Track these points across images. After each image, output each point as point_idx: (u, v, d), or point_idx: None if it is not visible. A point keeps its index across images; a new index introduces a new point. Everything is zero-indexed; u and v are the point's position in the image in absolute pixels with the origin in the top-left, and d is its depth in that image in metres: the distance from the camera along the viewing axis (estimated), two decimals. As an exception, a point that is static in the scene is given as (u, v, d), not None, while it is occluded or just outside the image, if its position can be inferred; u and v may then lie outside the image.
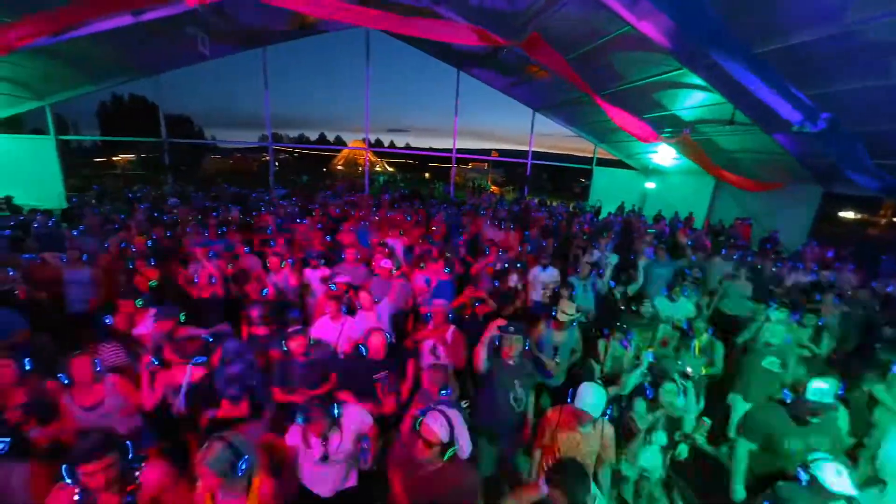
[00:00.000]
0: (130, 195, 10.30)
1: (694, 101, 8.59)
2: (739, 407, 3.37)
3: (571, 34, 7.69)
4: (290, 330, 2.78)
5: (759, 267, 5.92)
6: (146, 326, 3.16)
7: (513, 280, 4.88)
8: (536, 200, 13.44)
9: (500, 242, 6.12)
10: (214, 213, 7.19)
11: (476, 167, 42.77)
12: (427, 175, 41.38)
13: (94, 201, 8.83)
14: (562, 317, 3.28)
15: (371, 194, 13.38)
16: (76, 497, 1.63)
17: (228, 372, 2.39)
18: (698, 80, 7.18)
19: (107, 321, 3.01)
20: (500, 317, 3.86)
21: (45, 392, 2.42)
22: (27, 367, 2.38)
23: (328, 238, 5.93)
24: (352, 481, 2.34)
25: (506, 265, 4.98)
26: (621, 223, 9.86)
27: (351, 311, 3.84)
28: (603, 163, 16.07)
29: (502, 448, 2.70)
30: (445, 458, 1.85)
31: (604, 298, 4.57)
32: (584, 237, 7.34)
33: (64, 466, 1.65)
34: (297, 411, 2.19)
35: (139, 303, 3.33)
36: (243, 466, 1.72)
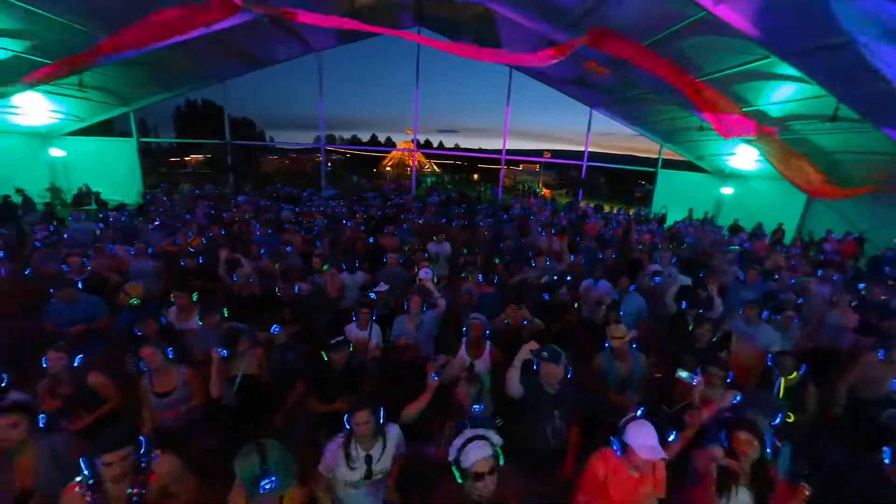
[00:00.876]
0: (199, 192, 11.38)
1: (784, 94, 7.63)
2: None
3: (634, 24, 7.18)
4: (332, 342, 2.79)
5: (864, 294, 5.04)
6: (194, 321, 3.43)
7: (562, 293, 4.60)
8: (592, 205, 12.78)
9: (548, 252, 5.83)
10: (269, 213, 7.69)
11: (527, 169, 41.89)
12: (475, 177, 41.27)
13: (164, 198, 9.84)
14: (615, 343, 3.00)
15: (417, 196, 13.59)
16: (88, 487, 1.77)
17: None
18: (790, 70, 6.35)
19: (163, 320, 3.26)
20: (548, 334, 3.62)
21: (88, 382, 2.68)
22: (76, 363, 2.66)
23: (370, 240, 6.04)
24: None
25: (555, 277, 4.73)
26: (694, 234, 8.98)
27: (389, 317, 3.85)
28: (669, 165, 14.91)
29: (536, 483, 2.49)
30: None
31: (672, 322, 4.13)
32: (640, 247, 6.75)
33: (83, 458, 1.78)
34: (334, 423, 2.17)
35: (195, 297, 3.61)
36: (267, 486, 1.72)
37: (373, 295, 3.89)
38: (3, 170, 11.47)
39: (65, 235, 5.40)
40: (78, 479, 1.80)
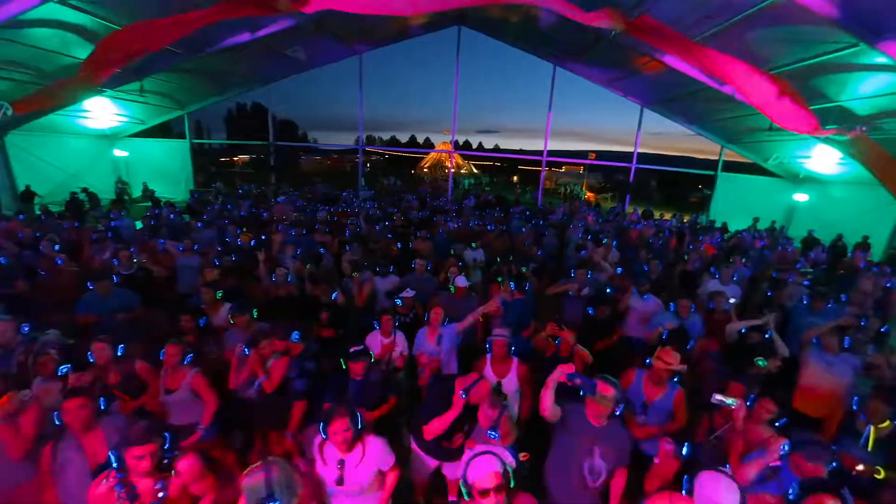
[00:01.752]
0: (241, 191, 12.07)
1: (872, 87, 6.78)
2: None
3: (690, 14, 6.67)
4: (352, 350, 2.79)
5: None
6: (220, 318, 3.58)
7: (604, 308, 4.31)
8: (640, 211, 12.09)
9: (590, 261, 5.53)
10: (308, 213, 7.96)
11: (570, 171, 40.68)
12: (515, 179, 40.71)
13: (210, 198, 10.51)
14: (659, 366, 2.71)
15: (454, 199, 13.56)
16: (116, 480, 1.84)
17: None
18: (884, 59, 5.60)
19: (202, 322, 3.41)
20: (592, 352, 3.39)
21: (135, 371, 2.87)
22: (119, 352, 2.84)
23: (398, 245, 6.04)
24: None
25: (602, 290, 4.45)
26: (760, 246, 8.19)
27: (412, 324, 3.79)
28: (732, 167, 13.81)
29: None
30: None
31: (728, 347, 3.72)
32: (697, 262, 6.20)
33: (112, 451, 1.87)
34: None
35: (219, 294, 3.77)
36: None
37: (399, 301, 3.85)
38: (73, 169, 12.83)
39: (108, 234, 5.86)
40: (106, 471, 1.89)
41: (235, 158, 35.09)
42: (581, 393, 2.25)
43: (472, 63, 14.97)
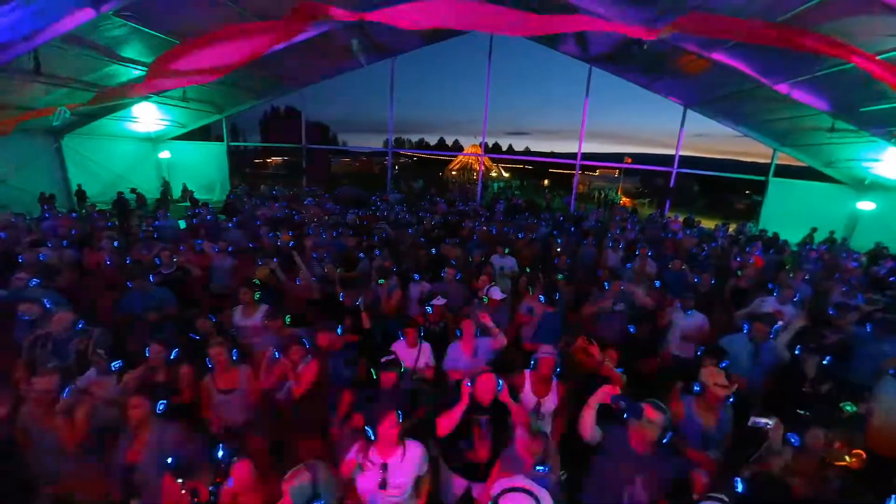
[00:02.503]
0: (275, 192, 12.54)
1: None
2: None
3: (744, 7, 6.33)
4: (383, 360, 2.80)
5: None
6: (255, 319, 3.71)
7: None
8: (681, 219, 11.57)
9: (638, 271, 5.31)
10: (342, 214, 8.16)
11: (604, 175, 39.64)
12: (546, 182, 40.14)
13: (245, 199, 10.98)
14: (714, 390, 2.51)
15: (483, 204, 13.51)
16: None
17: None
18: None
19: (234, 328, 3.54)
20: (631, 373, 3.24)
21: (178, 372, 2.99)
22: (172, 356, 3.00)
23: (433, 251, 6.04)
24: None
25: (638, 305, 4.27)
26: (817, 260, 7.64)
27: (442, 334, 3.78)
28: (785, 172, 13.00)
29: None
30: None
31: (782, 370, 3.46)
32: (748, 279, 5.82)
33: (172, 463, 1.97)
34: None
35: (257, 296, 3.91)
36: None
37: (429, 309, 3.85)
38: (120, 170, 13.79)
39: (154, 235, 6.23)
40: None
41: (269, 160, 36.60)
42: (625, 416, 2.15)
43: (504, 64, 15.07)
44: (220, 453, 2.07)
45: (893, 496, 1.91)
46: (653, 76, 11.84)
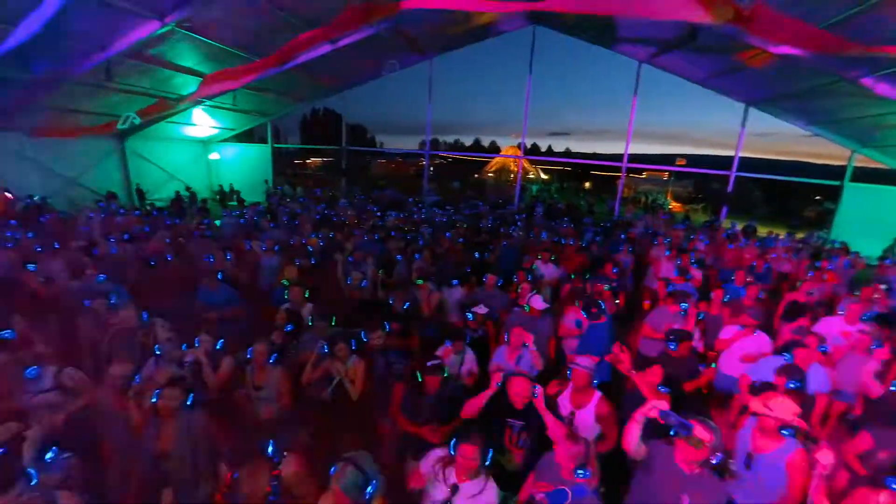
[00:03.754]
0: (318, 192, 13.14)
1: None
2: None
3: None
4: (428, 364, 2.91)
5: None
6: (307, 312, 3.94)
7: (694, 339, 3.95)
8: (740, 227, 10.89)
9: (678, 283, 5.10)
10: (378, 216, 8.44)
11: (653, 177, 38.05)
12: (587, 185, 39.15)
13: (287, 199, 11.58)
14: (765, 414, 2.35)
15: (521, 207, 13.40)
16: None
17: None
18: None
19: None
20: (678, 391, 3.12)
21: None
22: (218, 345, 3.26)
23: (476, 255, 6.09)
24: None
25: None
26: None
27: (482, 341, 3.82)
28: (864, 176, 11.91)
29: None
30: None
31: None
32: (815, 292, 5.40)
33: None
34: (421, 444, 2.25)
35: (306, 294, 4.15)
36: (370, 491, 1.95)
37: (470, 315, 3.90)
38: (173, 170, 14.97)
39: (207, 233, 6.74)
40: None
41: (308, 161, 38.30)
42: (671, 433, 2.11)
43: (545, 63, 14.81)
44: (270, 447, 2.21)
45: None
46: (711, 71, 11.24)
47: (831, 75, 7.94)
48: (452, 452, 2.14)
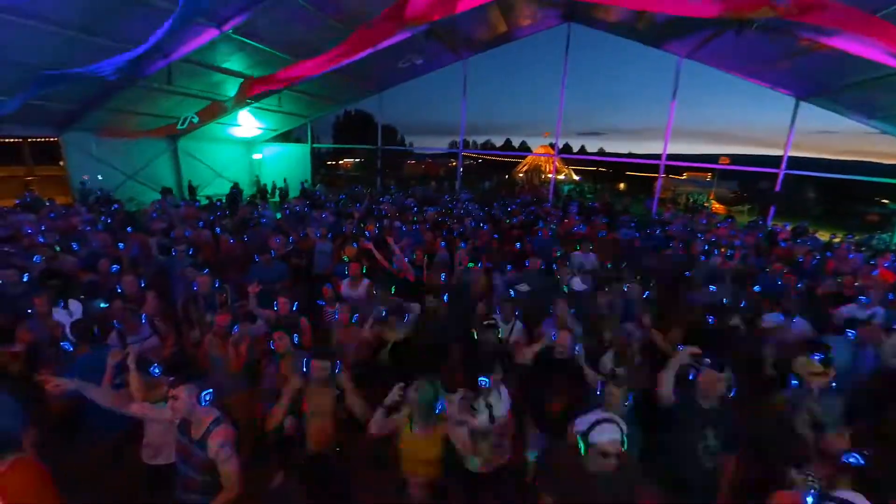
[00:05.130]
0: (357, 188, 13.93)
1: None
2: None
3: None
4: (483, 323, 3.39)
5: None
6: (360, 292, 4.46)
7: (734, 324, 4.15)
8: (789, 228, 10.59)
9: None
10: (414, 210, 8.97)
11: (694, 178, 37.01)
12: (622, 186, 38.50)
13: (330, 195, 12.39)
14: (812, 380, 2.64)
15: (555, 205, 13.59)
16: None
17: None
18: None
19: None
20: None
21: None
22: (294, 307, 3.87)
23: (517, 245, 6.47)
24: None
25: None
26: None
27: (526, 316, 4.16)
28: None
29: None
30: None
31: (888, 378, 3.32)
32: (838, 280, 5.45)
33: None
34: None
35: (364, 270, 4.74)
36: (439, 408, 2.40)
37: (512, 293, 4.25)
38: (219, 168, 16.18)
39: (262, 220, 7.49)
40: None
41: (341, 162, 39.83)
42: (690, 377, 2.52)
43: (580, 61, 14.99)
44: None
45: None
46: (757, 64, 10.97)
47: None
48: (487, 384, 2.59)
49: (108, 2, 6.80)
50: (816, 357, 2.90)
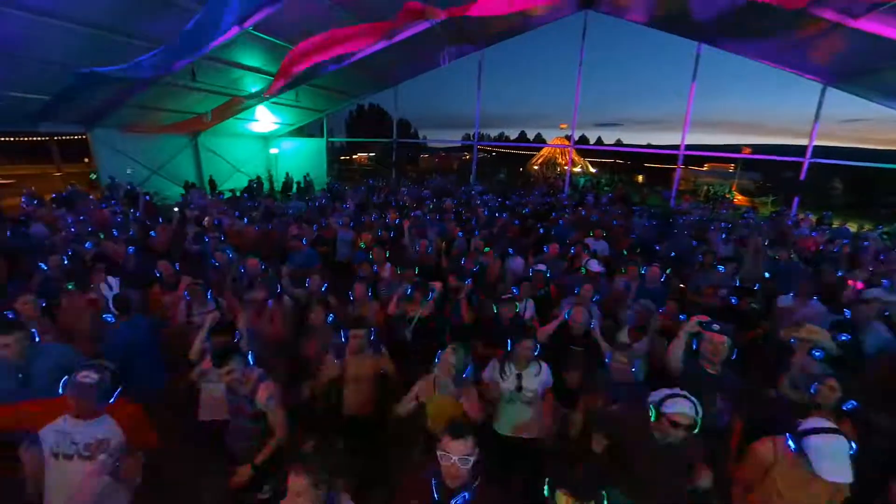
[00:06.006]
0: (371, 181, 14.30)
1: None
2: None
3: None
4: (502, 297, 3.68)
5: None
6: (385, 273, 4.80)
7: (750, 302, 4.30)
8: (813, 218, 10.46)
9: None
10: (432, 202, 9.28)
11: (715, 169, 36.27)
12: (640, 179, 37.99)
13: (346, 188, 12.75)
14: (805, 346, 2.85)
15: (570, 196, 13.69)
16: None
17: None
18: None
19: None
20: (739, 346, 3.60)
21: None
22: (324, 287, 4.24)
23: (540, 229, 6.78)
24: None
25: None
26: None
27: (543, 300, 4.38)
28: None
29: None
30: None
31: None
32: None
33: None
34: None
35: (387, 254, 5.09)
36: (465, 374, 2.64)
37: (531, 271, 4.49)
38: (237, 163, 16.72)
39: (288, 211, 7.90)
40: None
41: (355, 157, 40.34)
42: (694, 346, 2.78)
43: (597, 51, 14.88)
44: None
45: None
46: (782, 47, 10.56)
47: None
48: (513, 349, 2.82)
49: (136, 3, 7.20)
50: (842, 337, 3.15)
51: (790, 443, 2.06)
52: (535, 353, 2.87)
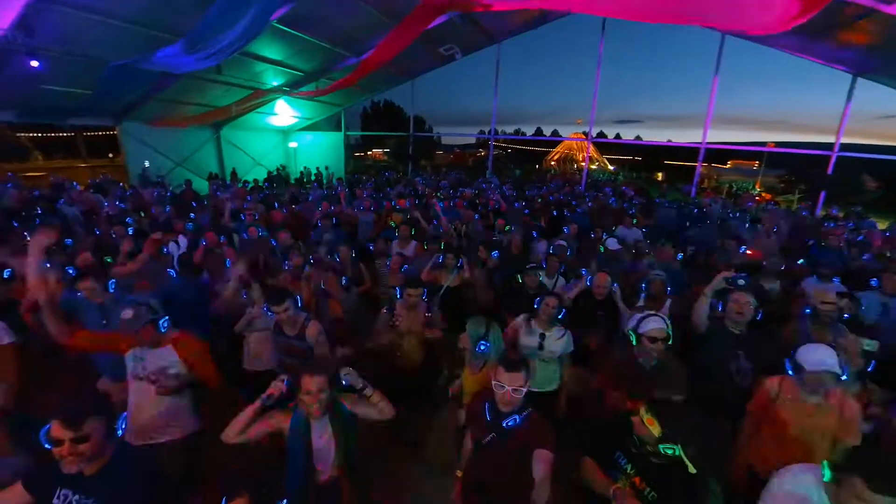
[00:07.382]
0: (388, 174, 14.71)
1: None
2: None
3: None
4: (527, 267, 3.94)
5: None
6: (410, 251, 5.10)
7: (769, 284, 4.41)
8: (840, 213, 10.30)
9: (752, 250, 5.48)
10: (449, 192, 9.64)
11: (739, 167, 35.70)
12: (659, 176, 37.60)
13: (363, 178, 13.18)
14: (824, 308, 2.99)
15: (587, 190, 13.77)
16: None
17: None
18: None
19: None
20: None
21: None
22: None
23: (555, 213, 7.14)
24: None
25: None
26: None
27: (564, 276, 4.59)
28: None
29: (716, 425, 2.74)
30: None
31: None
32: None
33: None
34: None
35: (413, 231, 5.44)
36: (482, 348, 2.69)
37: (552, 249, 4.69)
38: (257, 156, 17.28)
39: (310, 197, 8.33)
40: None
41: (370, 153, 40.97)
42: (719, 308, 2.92)
43: (616, 45, 14.85)
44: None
45: None
46: (813, 36, 10.30)
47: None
48: (537, 306, 3.02)
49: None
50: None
51: (788, 369, 2.26)
52: (560, 316, 3.04)
